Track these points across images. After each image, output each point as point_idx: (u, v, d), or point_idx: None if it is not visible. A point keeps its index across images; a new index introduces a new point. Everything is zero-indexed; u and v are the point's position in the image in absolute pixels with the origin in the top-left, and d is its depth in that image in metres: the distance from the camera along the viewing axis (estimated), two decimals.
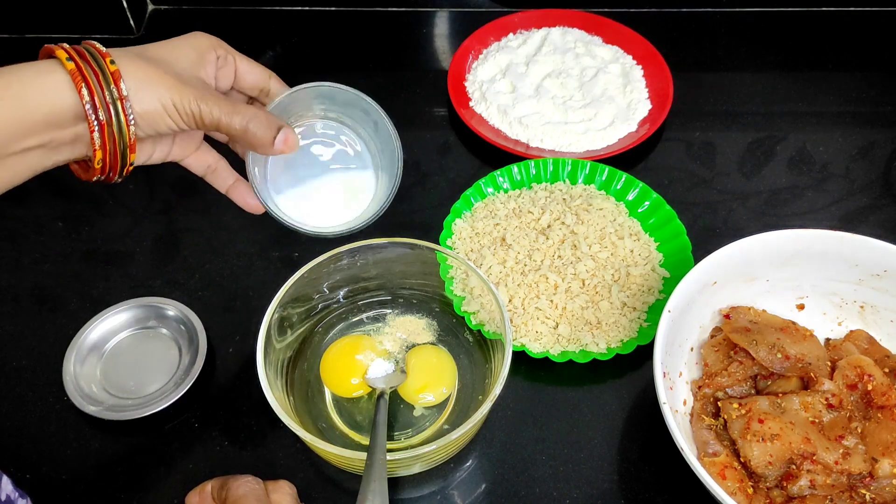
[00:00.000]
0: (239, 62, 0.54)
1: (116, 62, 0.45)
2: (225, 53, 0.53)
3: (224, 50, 0.53)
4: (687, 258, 0.70)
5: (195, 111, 0.48)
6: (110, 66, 0.45)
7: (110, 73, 0.45)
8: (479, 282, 0.62)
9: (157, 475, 0.60)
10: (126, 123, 0.46)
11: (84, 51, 0.45)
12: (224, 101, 0.49)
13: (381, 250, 0.64)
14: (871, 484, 0.56)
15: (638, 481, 0.60)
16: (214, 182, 0.58)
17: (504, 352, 0.57)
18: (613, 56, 0.90)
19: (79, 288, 0.72)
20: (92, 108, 0.44)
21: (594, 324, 0.66)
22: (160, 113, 0.47)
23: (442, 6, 0.99)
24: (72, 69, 0.44)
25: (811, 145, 0.84)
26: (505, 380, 0.55)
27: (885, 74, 0.91)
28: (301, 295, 0.62)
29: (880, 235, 0.62)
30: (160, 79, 0.47)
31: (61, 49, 0.45)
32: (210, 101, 0.48)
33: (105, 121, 0.45)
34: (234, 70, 0.54)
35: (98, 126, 0.45)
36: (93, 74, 0.44)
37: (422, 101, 0.89)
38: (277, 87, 0.57)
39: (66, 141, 0.46)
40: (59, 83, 0.44)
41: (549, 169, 0.77)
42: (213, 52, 0.52)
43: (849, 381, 0.60)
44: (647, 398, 0.65)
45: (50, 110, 0.44)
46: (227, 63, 0.53)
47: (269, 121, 0.51)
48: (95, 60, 0.45)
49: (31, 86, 0.43)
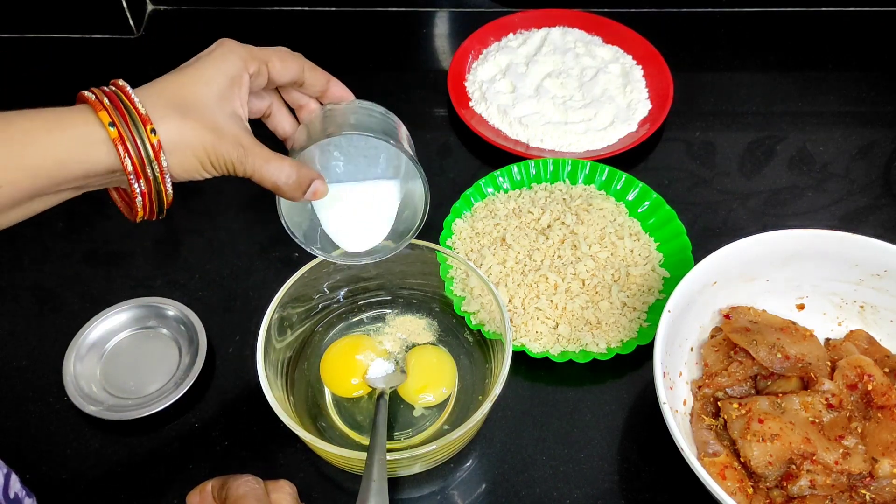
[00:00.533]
0: (271, 67, 0.52)
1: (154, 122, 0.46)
2: (258, 67, 0.51)
3: (256, 63, 0.51)
4: (687, 258, 0.70)
5: (229, 167, 0.49)
6: (151, 137, 0.46)
7: (151, 144, 0.46)
8: (479, 282, 0.62)
9: (157, 475, 0.60)
10: (164, 188, 0.48)
11: (124, 111, 0.45)
12: (257, 156, 0.50)
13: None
14: (871, 484, 0.56)
15: (638, 481, 0.60)
16: None
17: (504, 352, 0.57)
18: (613, 56, 0.90)
19: (79, 288, 0.72)
20: (136, 178, 0.46)
21: (594, 324, 0.66)
22: (196, 168, 0.48)
23: (442, 6, 0.99)
24: (115, 137, 0.45)
25: (811, 145, 0.84)
26: (505, 380, 0.55)
27: (885, 74, 0.91)
28: (301, 295, 0.62)
29: (880, 235, 0.62)
30: (197, 138, 0.47)
31: (104, 110, 0.45)
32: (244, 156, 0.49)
33: (146, 192, 0.47)
34: (268, 76, 0.53)
35: (140, 192, 0.47)
36: (134, 147, 0.45)
37: (422, 101, 0.89)
38: (311, 76, 0.55)
39: (101, 183, 0.48)
40: (101, 144, 0.45)
41: (549, 169, 0.77)
42: (244, 73, 0.51)
43: (849, 381, 0.60)
44: (647, 398, 0.65)
45: (90, 167, 0.45)
46: (261, 73, 0.52)
47: (301, 177, 0.51)
48: (136, 127, 0.45)
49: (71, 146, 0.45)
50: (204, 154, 0.48)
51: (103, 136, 0.45)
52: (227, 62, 0.50)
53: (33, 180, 0.44)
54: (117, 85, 0.47)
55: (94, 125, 0.45)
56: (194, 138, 0.47)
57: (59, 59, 0.93)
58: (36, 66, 0.92)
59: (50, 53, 0.93)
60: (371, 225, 0.59)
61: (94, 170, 0.45)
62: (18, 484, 0.51)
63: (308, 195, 0.52)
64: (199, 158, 0.48)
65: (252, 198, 0.79)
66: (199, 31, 0.97)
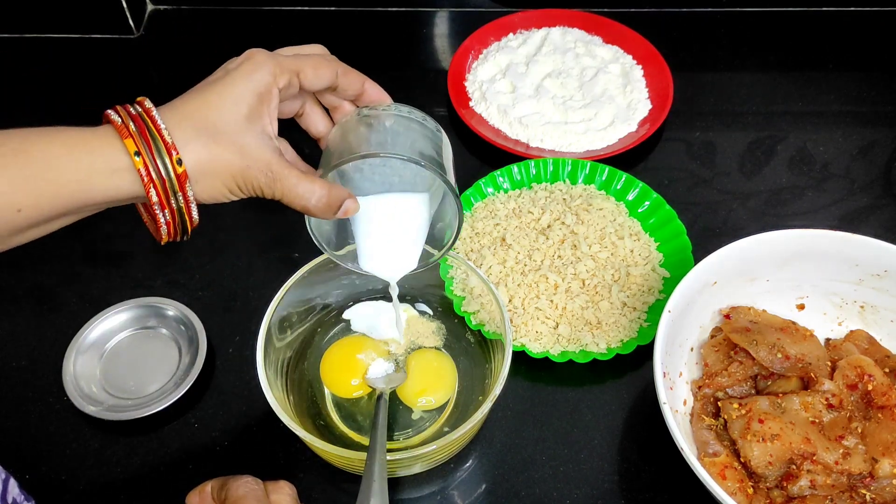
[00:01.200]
0: (303, 77, 0.50)
1: (180, 149, 0.45)
2: (288, 79, 0.49)
3: (287, 75, 0.49)
4: (687, 258, 0.69)
5: (258, 191, 0.49)
6: (177, 168, 0.45)
7: (176, 176, 0.45)
8: (479, 282, 0.62)
9: (156, 475, 0.60)
10: (189, 216, 0.48)
11: (149, 138, 0.45)
12: (287, 178, 0.49)
13: None
14: (871, 484, 0.56)
15: (638, 481, 0.60)
16: None
17: (504, 352, 0.57)
18: (613, 56, 0.90)
19: (79, 288, 0.72)
20: (160, 208, 0.46)
21: (594, 324, 0.66)
22: (224, 193, 0.48)
23: (442, 6, 0.99)
24: (139, 167, 0.44)
25: (811, 145, 0.84)
26: (505, 380, 0.55)
27: (885, 74, 0.91)
28: (301, 295, 0.62)
29: (880, 235, 0.62)
30: (224, 165, 0.46)
31: (129, 137, 0.44)
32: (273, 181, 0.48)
33: (171, 222, 0.47)
34: (299, 84, 0.51)
35: (164, 221, 0.47)
36: (160, 178, 0.45)
37: (422, 101, 0.88)
38: (346, 80, 0.53)
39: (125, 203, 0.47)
40: (126, 172, 0.45)
41: (549, 169, 0.77)
42: (274, 87, 0.49)
43: (849, 381, 0.60)
44: (647, 398, 0.65)
45: (114, 195, 0.45)
46: (292, 84, 0.50)
47: (331, 198, 0.50)
48: (161, 158, 0.45)
49: (97, 173, 0.44)
50: (232, 181, 0.47)
51: (128, 163, 0.44)
52: (255, 77, 0.48)
53: (53, 202, 0.44)
54: (143, 106, 0.46)
55: (119, 152, 0.44)
56: (221, 165, 0.46)
57: (59, 59, 0.93)
58: (36, 66, 0.92)
59: (50, 53, 0.93)
60: (403, 248, 0.57)
61: (116, 196, 0.45)
62: (17, 489, 0.50)
63: (339, 214, 0.51)
64: (227, 185, 0.47)
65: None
66: (199, 31, 0.97)
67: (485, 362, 0.64)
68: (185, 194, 0.46)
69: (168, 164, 0.45)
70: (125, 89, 0.91)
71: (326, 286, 0.65)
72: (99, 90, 0.90)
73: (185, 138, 0.45)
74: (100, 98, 0.88)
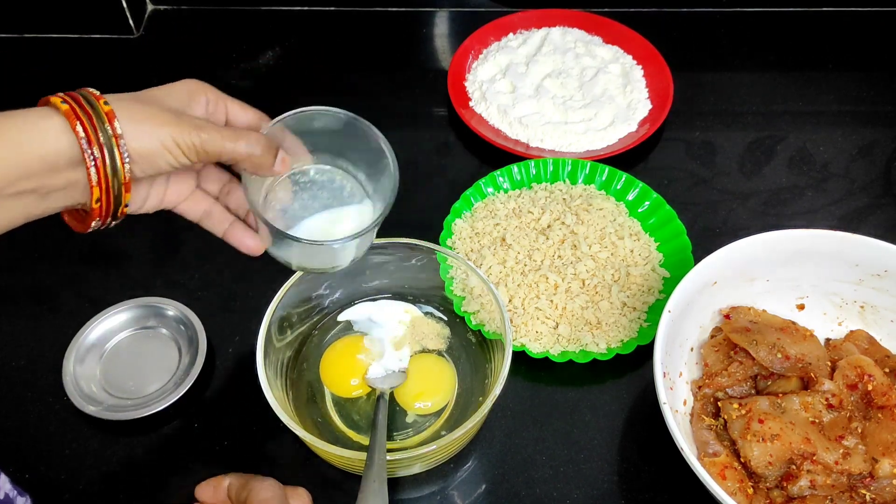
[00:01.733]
0: (230, 105, 0.53)
1: (111, 103, 0.46)
2: (216, 98, 0.52)
3: (214, 95, 0.52)
4: (687, 258, 0.69)
5: (196, 142, 0.48)
6: (104, 107, 0.45)
7: (104, 112, 0.45)
8: (479, 282, 0.62)
9: (156, 475, 0.60)
10: (121, 161, 0.46)
11: (79, 95, 0.46)
12: (224, 128, 0.50)
13: (380, 250, 0.64)
14: (871, 484, 0.56)
15: (638, 481, 0.60)
16: (211, 227, 0.57)
17: (504, 352, 0.57)
18: (613, 56, 0.90)
19: (78, 288, 0.72)
20: (87, 145, 0.45)
21: (594, 324, 0.66)
22: (159, 150, 0.47)
23: (442, 6, 0.99)
24: (66, 110, 0.44)
25: (811, 145, 0.84)
26: (505, 380, 0.55)
27: (885, 74, 0.91)
28: (301, 295, 0.62)
29: (880, 235, 0.62)
30: (156, 116, 0.47)
31: (56, 96, 0.45)
32: (210, 129, 0.48)
33: (100, 159, 0.45)
34: (226, 113, 0.53)
35: (94, 163, 0.45)
36: (86, 115, 0.45)
37: (422, 101, 0.89)
38: None
39: (59, 187, 0.46)
40: (55, 126, 0.44)
41: (549, 169, 0.77)
42: (203, 95, 0.51)
43: (849, 381, 0.60)
44: (647, 398, 0.65)
45: (45, 152, 0.44)
46: (218, 107, 0.53)
47: (269, 143, 0.52)
48: (89, 102, 0.45)
49: (25, 130, 0.44)
50: (167, 132, 0.47)
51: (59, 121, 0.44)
52: (186, 84, 0.51)
53: None
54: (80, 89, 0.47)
55: (48, 110, 0.45)
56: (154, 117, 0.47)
57: (59, 59, 0.93)
58: (36, 66, 0.92)
59: (50, 53, 0.93)
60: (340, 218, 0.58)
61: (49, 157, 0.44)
62: (9, 484, 0.50)
63: (277, 165, 0.52)
64: (162, 139, 0.47)
65: None
66: (199, 31, 0.97)
67: (485, 362, 0.64)
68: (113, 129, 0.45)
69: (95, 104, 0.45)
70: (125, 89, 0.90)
71: (326, 286, 0.65)
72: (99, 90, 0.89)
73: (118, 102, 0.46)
74: None
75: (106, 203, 0.48)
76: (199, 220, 0.56)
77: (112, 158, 0.45)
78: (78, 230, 0.50)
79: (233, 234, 0.57)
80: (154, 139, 0.47)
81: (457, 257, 0.63)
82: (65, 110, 0.44)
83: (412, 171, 0.81)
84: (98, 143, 0.45)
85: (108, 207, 0.48)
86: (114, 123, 0.45)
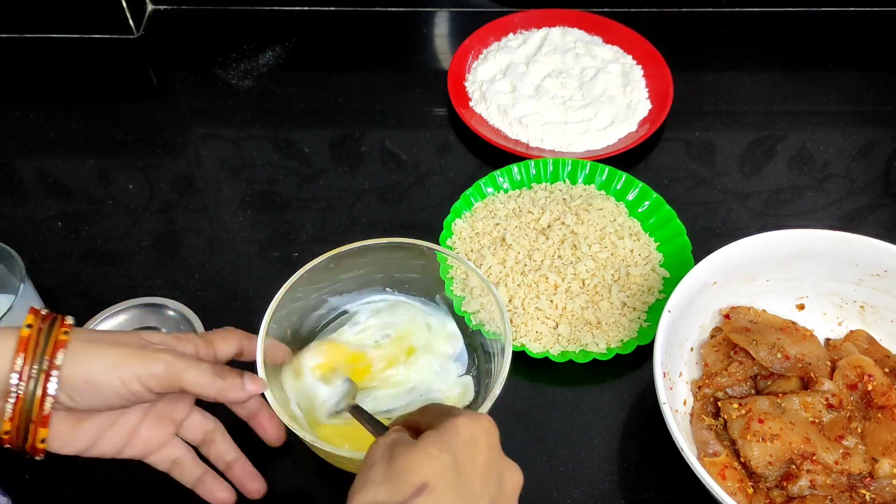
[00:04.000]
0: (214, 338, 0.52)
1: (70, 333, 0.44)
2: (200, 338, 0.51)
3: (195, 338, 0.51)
4: (687, 258, 0.69)
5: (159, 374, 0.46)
6: (62, 336, 0.44)
7: (54, 342, 0.44)
8: (479, 282, 0.62)
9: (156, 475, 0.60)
10: (42, 395, 0.43)
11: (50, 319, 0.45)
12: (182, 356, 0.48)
13: (380, 251, 0.63)
14: (871, 484, 0.56)
15: (638, 481, 0.60)
16: (180, 476, 0.53)
17: (504, 352, 0.57)
18: (613, 56, 0.90)
19: (78, 288, 0.72)
20: (18, 378, 0.43)
21: (594, 324, 0.66)
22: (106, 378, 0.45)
23: (442, 6, 0.99)
24: (24, 337, 0.43)
25: (811, 145, 0.84)
26: (504, 380, 0.55)
27: (885, 74, 0.91)
28: (301, 295, 0.62)
29: (880, 235, 0.62)
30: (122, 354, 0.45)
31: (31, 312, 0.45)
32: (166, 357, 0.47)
33: (22, 394, 0.43)
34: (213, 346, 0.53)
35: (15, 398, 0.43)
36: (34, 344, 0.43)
37: (422, 101, 0.89)
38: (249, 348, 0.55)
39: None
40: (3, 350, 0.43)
41: (549, 169, 0.77)
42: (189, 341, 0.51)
43: (849, 381, 0.60)
44: (647, 398, 0.65)
45: None
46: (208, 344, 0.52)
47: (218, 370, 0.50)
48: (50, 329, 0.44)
49: None
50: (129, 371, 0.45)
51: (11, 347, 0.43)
52: None
53: None
54: None
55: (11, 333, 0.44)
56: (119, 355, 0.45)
57: (59, 59, 0.93)
58: (36, 66, 0.92)
59: (50, 53, 0.93)
60: None
61: None
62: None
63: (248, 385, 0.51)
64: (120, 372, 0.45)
65: (252, 197, 0.79)
66: (199, 31, 0.97)
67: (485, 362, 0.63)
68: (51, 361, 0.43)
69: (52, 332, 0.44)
70: (125, 89, 0.91)
71: (326, 286, 0.65)
72: (99, 90, 0.90)
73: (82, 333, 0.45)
74: (99, 98, 0.88)
75: (15, 436, 0.45)
76: (168, 470, 0.53)
77: (34, 393, 0.43)
78: None
79: (202, 485, 0.53)
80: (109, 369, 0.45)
81: (457, 257, 0.63)
82: (23, 336, 0.43)
83: (412, 171, 0.81)
84: (27, 377, 0.43)
85: (17, 440, 0.45)
86: (57, 353, 0.44)
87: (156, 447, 0.51)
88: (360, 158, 0.83)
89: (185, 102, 0.90)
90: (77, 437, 0.47)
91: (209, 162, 0.83)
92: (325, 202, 0.79)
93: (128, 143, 0.84)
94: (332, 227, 0.77)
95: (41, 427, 0.44)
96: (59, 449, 0.47)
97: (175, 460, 0.52)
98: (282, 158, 0.83)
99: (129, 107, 0.87)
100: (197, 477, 0.53)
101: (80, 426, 0.47)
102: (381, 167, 0.82)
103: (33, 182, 0.80)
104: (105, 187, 0.80)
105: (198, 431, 0.53)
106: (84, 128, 0.85)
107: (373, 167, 0.82)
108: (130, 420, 0.50)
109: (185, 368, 0.47)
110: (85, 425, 0.48)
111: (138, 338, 0.47)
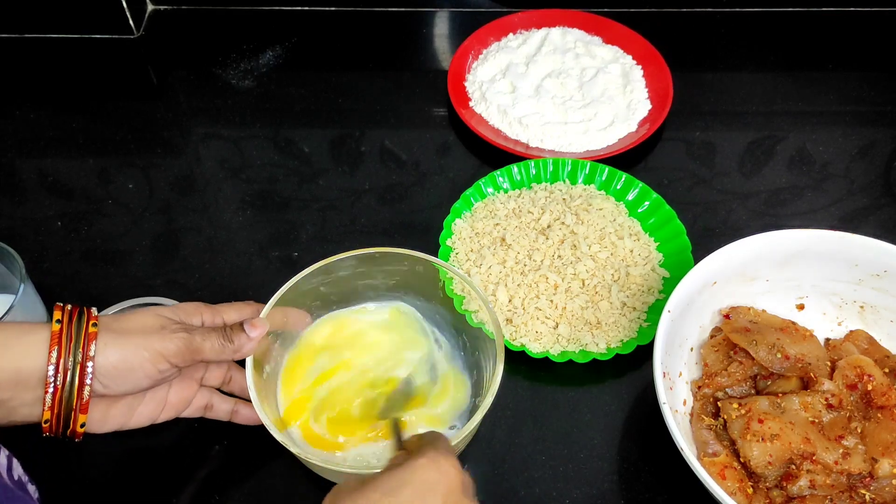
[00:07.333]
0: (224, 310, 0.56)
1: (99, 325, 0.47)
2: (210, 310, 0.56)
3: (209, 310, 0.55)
4: (687, 258, 0.69)
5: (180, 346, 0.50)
6: (91, 329, 0.47)
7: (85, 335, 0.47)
8: (479, 281, 0.62)
9: (156, 475, 0.60)
10: (79, 385, 0.47)
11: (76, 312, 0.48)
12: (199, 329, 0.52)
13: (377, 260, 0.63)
14: (871, 484, 0.56)
15: (638, 481, 0.60)
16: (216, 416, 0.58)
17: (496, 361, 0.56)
18: (613, 56, 0.90)
19: (78, 287, 0.72)
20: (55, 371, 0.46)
21: (594, 324, 0.66)
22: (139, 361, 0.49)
23: (442, 6, 0.99)
24: (55, 331, 0.46)
25: (811, 145, 0.84)
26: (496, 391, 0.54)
27: (885, 74, 0.91)
28: (301, 296, 0.62)
29: (880, 235, 0.62)
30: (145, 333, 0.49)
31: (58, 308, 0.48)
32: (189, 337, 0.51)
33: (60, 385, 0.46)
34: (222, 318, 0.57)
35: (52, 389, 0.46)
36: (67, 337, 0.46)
37: (422, 101, 0.89)
38: None
39: (28, 402, 0.47)
40: (36, 344, 0.46)
41: (549, 169, 0.77)
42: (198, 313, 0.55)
43: (849, 381, 0.60)
44: (647, 398, 0.65)
45: (17, 368, 0.45)
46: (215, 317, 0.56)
47: None
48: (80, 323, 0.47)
49: (7, 345, 0.45)
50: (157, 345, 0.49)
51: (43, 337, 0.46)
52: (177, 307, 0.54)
53: None
54: None
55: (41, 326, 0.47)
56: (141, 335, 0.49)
57: (59, 59, 0.93)
58: (36, 66, 0.92)
59: (50, 53, 0.93)
60: None
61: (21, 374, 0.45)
62: (21, 468, 0.51)
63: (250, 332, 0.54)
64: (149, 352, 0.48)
65: (252, 196, 0.79)
66: (199, 31, 0.97)
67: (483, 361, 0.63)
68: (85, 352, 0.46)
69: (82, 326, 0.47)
70: (125, 89, 0.91)
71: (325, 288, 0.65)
72: (99, 90, 0.90)
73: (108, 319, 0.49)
74: (100, 98, 0.88)
75: (55, 424, 0.48)
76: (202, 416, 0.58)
77: (72, 382, 0.47)
78: None
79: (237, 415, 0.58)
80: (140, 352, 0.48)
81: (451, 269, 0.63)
82: (55, 331, 0.46)
83: (412, 171, 0.81)
84: (64, 369, 0.46)
85: (58, 428, 0.49)
86: (90, 345, 0.47)
87: (186, 406, 0.56)
88: (360, 158, 0.83)
89: (185, 102, 0.90)
90: (111, 419, 0.51)
91: (209, 162, 0.83)
92: (325, 202, 0.79)
93: (128, 142, 0.84)
94: (332, 227, 0.77)
95: (81, 413, 0.48)
96: (98, 430, 0.51)
97: (205, 406, 0.57)
98: (282, 158, 0.83)
99: (129, 107, 0.87)
100: (229, 411, 0.58)
101: (111, 409, 0.51)
102: (381, 167, 0.82)
103: (33, 182, 0.80)
104: (105, 187, 0.80)
105: (217, 378, 0.57)
106: (84, 128, 0.85)
107: (373, 167, 0.82)
108: (158, 392, 0.54)
109: (201, 341, 0.51)
110: (116, 407, 0.51)
111: (155, 317, 0.50)
